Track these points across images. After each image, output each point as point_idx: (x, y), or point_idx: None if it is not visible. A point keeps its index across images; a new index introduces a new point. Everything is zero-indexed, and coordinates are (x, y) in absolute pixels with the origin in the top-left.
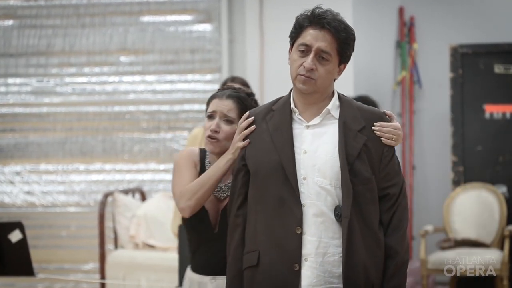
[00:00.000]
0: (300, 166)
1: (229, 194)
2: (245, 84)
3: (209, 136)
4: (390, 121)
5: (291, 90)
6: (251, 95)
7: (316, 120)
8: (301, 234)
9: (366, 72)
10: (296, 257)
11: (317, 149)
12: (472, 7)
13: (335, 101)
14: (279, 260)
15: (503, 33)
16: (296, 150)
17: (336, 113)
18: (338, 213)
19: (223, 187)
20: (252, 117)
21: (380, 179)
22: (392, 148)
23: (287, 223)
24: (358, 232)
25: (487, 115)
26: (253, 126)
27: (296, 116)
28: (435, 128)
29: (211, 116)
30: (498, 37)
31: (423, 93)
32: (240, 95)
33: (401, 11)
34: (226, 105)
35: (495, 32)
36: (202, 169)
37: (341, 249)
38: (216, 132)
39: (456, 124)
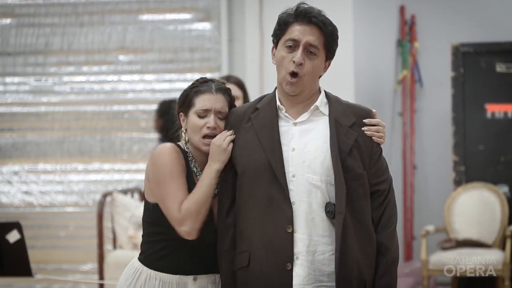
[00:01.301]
0: (288, 164)
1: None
2: (239, 83)
3: (207, 135)
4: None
5: (276, 88)
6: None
7: (304, 116)
8: (292, 232)
9: (367, 71)
10: (288, 257)
11: (306, 145)
12: (473, 5)
13: (322, 97)
14: (270, 259)
15: (505, 32)
16: (284, 147)
17: (324, 109)
18: (330, 210)
19: None
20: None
21: (371, 175)
22: (379, 144)
23: (277, 222)
24: (351, 228)
25: (488, 114)
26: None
27: (283, 113)
28: (436, 127)
29: (201, 114)
30: (500, 36)
31: (424, 92)
32: (225, 88)
33: (402, 9)
34: (220, 101)
35: (497, 30)
36: (189, 170)
37: (332, 247)
38: (214, 129)
39: (458, 123)
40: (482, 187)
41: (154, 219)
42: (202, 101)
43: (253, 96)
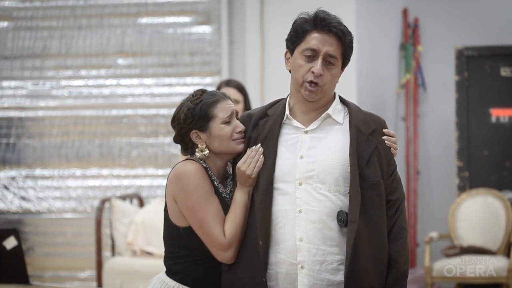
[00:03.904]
0: (296, 171)
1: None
2: (240, 87)
3: (238, 138)
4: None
5: (288, 96)
6: None
7: (314, 124)
8: (265, 246)
9: (370, 75)
10: (261, 271)
11: (316, 154)
12: (478, 8)
13: (336, 104)
14: (246, 272)
15: (509, 35)
16: (292, 155)
17: (338, 117)
18: (341, 218)
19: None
20: (261, 149)
21: (387, 185)
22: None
23: (252, 235)
24: (364, 238)
25: (493, 119)
26: (261, 150)
27: (292, 123)
28: (439, 132)
29: (226, 121)
30: (505, 39)
31: (428, 96)
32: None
33: (405, 12)
34: (232, 104)
35: (502, 34)
36: (213, 186)
37: (341, 256)
38: (243, 131)
39: (462, 128)
40: (486, 193)
41: (189, 244)
42: (224, 110)
43: (253, 99)
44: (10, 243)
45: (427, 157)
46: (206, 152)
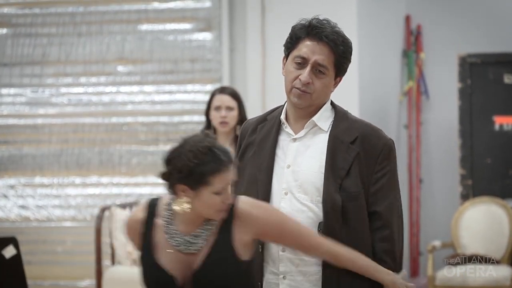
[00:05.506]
0: (282, 180)
1: (199, 246)
2: (234, 94)
3: (222, 209)
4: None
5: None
6: None
7: (302, 132)
8: (262, 251)
9: (372, 82)
10: (259, 276)
11: (300, 163)
12: (481, 15)
13: (323, 111)
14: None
15: None
16: (281, 163)
17: (324, 125)
18: (321, 230)
19: (189, 239)
20: None
21: (371, 193)
22: (389, 163)
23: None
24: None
25: (496, 126)
26: None
27: (284, 128)
28: (442, 140)
29: (219, 192)
30: (508, 46)
31: (431, 104)
32: (231, 154)
33: (407, 19)
34: (232, 172)
35: (505, 41)
36: (146, 239)
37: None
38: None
39: (465, 136)
40: (489, 201)
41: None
42: (222, 181)
43: (255, 107)
44: (9, 252)
45: (430, 165)
46: (188, 208)
